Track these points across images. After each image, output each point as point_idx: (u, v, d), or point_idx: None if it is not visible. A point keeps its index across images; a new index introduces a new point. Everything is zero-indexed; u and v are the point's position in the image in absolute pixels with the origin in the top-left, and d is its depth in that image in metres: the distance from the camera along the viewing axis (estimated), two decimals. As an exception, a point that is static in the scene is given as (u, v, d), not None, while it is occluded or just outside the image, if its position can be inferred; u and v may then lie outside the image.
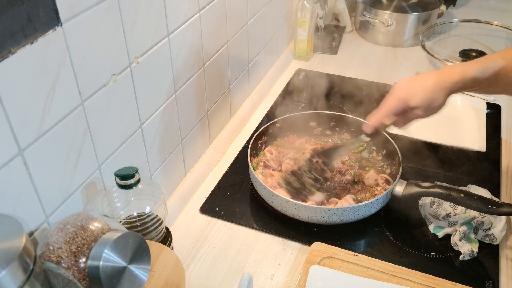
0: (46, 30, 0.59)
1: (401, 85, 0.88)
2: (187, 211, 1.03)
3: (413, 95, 0.85)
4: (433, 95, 0.85)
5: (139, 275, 0.63)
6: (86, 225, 0.63)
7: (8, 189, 0.60)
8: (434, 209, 0.95)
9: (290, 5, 1.52)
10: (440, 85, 0.85)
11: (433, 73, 0.87)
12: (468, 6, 1.91)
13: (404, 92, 0.87)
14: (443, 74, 0.86)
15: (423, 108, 0.86)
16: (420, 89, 0.85)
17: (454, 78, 0.85)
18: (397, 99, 0.87)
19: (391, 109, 0.88)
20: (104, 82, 0.73)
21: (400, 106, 0.87)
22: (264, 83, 1.43)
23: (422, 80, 0.86)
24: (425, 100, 0.85)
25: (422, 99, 0.85)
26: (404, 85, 0.88)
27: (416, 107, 0.86)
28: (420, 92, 0.85)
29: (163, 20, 0.84)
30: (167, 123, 0.94)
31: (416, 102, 0.85)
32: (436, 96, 0.85)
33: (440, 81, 0.85)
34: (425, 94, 0.85)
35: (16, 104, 0.58)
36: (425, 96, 0.85)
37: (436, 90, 0.85)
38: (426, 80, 0.86)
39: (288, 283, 0.88)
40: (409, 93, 0.86)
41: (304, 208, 0.93)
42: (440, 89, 0.85)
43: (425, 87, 0.85)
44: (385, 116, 0.89)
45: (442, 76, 0.86)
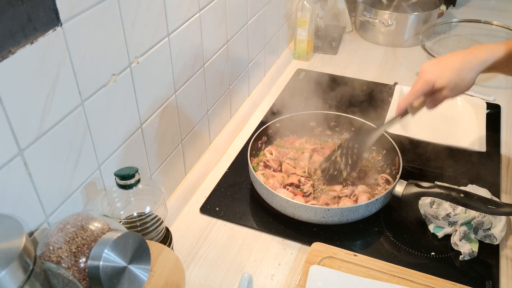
0: (46, 30, 0.59)
1: (428, 67, 0.88)
2: (187, 211, 1.03)
3: (438, 76, 0.85)
4: (460, 76, 0.85)
5: (139, 275, 0.63)
6: (86, 225, 0.63)
7: (8, 189, 0.60)
8: (434, 209, 0.95)
9: (290, 5, 1.53)
10: (467, 64, 0.84)
11: (460, 53, 0.87)
12: (468, 6, 1.91)
13: (431, 74, 0.87)
14: (470, 53, 0.86)
15: (450, 88, 0.85)
16: (447, 70, 0.85)
17: (482, 57, 0.84)
18: (423, 81, 0.87)
19: (418, 91, 0.89)
20: (104, 82, 0.73)
21: (427, 88, 0.87)
22: (264, 83, 1.43)
23: (449, 61, 0.86)
24: (451, 81, 0.85)
25: (448, 80, 0.84)
26: (430, 67, 0.88)
27: (443, 87, 0.86)
28: (446, 73, 0.85)
29: (163, 20, 0.84)
30: (167, 123, 0.94)
31: (442, 83, 0.85)
32: (463, 77, 0.85)
33: (467, 61, 0.85)
34: (451, 75, 0.84)
35: (16, 104, 0.58)
36: (451, 77, 0.84)
37: (462, 70, 0.84)
38: (453, 60, 0.86)
39: (288, 283, 0.88)
40: (435, 75, 0.86)
41: (304, 208, 0.93)
42: (467, 69, 0.84)
43: (452, 68, 0.85)
44: (413, 98, 0.90)
45: (469, 55, 0.85)
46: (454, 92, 0.87)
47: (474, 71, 0.85)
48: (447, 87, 0.85)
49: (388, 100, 1.29)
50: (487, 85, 1.44)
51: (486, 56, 0.84)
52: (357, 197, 0.99)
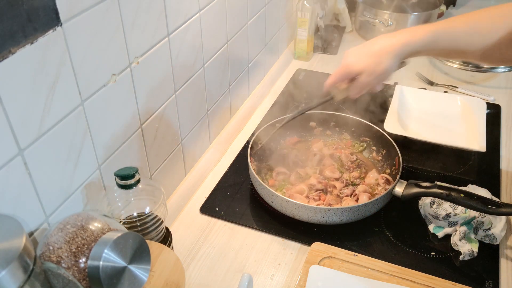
0: (46, 30, 0.59)
1: (349, 52, 0.87)
2: (187, 211, 1.03)
3: (357, 61, 0.84)
4: (376, 59, 0.82)
5: (139, 275, 0.63)
6: (86, 225, 0.63)
7: (8, 189, 0.60)
8: (434, 209, 0.95)
9: (290, 5, 1.53)
10: (387, 48, 0.82)
11: (384, 36, 0.85)
12: (468, 6, 1.91)
13: (350, 58, 0.86)
14: (393, 37, 0.83)
15: (368, 73, 0.84)
16: (365, 54, 0.84)
17: (402, 40, 0.82)
18: (342, 65, 0.87)
19: (337, 76, 0.88)
20: (104, 82, 0.73)
21: (345, 72, 0.86)
22: (264, 83, 1.43)
23: (370, 45, 0.85)
24: (369, 65, 0.83)
25: (365, 63, 0.83)
26: (352, 51, 0.87)
27: (360, 72, 0.84)
28: (364, 57, 0.83)
29: (163, 20, 0.84)
30: (167, 123, 0.94)
31: (359, 68, 0.84)
32: (379, 60, 0.82)
33: (387, 45, 0.82)
34: (368, 58, 0.83)
35: (16, 104, 0.58)
36: (368, 60, 0.83)
37: (380, 54, 0.82)
38: (373, 44, 0.84)
39: (288, 283, 0.88)
40: (354, 59, 0.85)
41: (304, 208, 0.93)
42: (385, 53, 0.82)
43: (370, 52, 0.83)
44: (332, 81, 0.89)
45: (391, 39, 0.83)
46: (372, 77, 0.84)
47: (392, 55, 0.82)
48: (365, 71, 0.83)
49: (388, 100, 1.29)
50: (487, 85, 1.44)
51: (407, 39, 0.81)
52: (358, 197, 0.99)
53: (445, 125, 1.24)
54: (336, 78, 0.89)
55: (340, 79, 0.89)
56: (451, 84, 1.43)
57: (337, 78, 0.89)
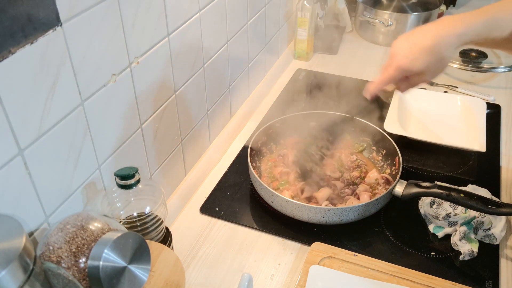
0: (46, 30, 0.59)
1: (399, 50, 0.79)
2: (187, 211, 1.03)
3: (413, 60, 0.76)
4: (437, 55, 0.75)
5: (139, 275, 0.63)
6: (86, 225, 0.63)
7: (8, 189, 0.60)
8: (434, 209, 0.95)
9: (290, 5, 1.53)
10: (442, 41, 0.75)
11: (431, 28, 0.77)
12: (468, 6, 1.91)
13: (404, 59, 0.78)
14: (443, 27, 0.75)
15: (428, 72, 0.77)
16: (421, 52, 0.76)
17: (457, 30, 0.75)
18: (395, 68, 0.79)
19: (390, 79, 0.81)
20: (104, 82, 0.73)
21: (400, 74, 0.79)
22: (264, 83, 1.43)
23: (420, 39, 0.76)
24: (430, 64, 0.76)
25: (426, 63, 0.76)
26: (402, 50, 0.78)
27: (420, 72, 0.78)
28: (421, 56, 0.75)
29: (163, 20, 0.84)
30: (167, 123, 0.94)
31: (418, 69, 0.77)
32: (441, 56, 0.75)
33: (441, 36, 0.75)
34: (427, 57, 0.75)
35: (16, 104, 0.58)
36: (428, 59, 0.75)
37: (439, 48, 0.75)
38: (425, 37, 0.76)
39: (288, 283, 0.88)
40: (409, 59, 0.77)
41: (304, 208, 0.93)
42: (445, 46, 0.75)
43: (426, 48, 0.75)
44: (384, 85, 0.82)
45: (443, 29, 0.75)
46: (434, 74, 0.79)
47: (452, 47, 0.75)
48: (426, 71, 0.77)
49: (388, 100, 1.29)
50: (487, 85, 1.44)
51: (462, 29, 0.74)
52: (359, 196, 0.99)
53: (445, 125, 1.24)
54: (390, 80, 0.81)
55: (395, 80, 0.81)
56: (451, 84, 1.43)
57: (391, 80, 0.81)
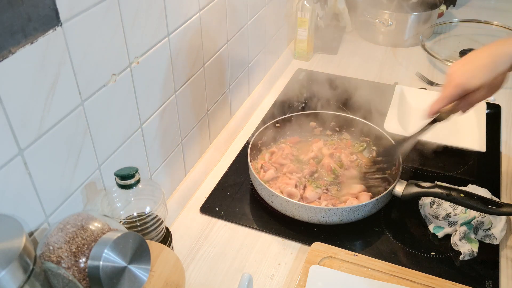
0: (46, 30, 0.59)
1: (455, 70, 0.83)
2: (187, 211, 1.03)
3: (470, 78, 0.80)
4: (493, 72, 0.79)
5: (139, 275, 0.63)
6: (86, 225, 0.63)
7: (8, 189, 0.60)
8: (434, 209, 0.95)
9: (290, 5, 1.52)
10: (498, 59, 0.79)
11: (486, 49, 0.82)
12: (468, 6, 1.91)
13: (461, 77, 0.81)
14: (497, 47, 0.80)
15: (487, 87, 0.81)
16: (478, 69, 0.80)
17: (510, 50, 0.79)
18: (453, 86, 0.82)
19: (449, 98, 0.84)
20: (104, 82, 0.73)
21: (457, 93, 0.82)
22: (264, 83, 1.43)
23: (476, 59, 0.81)
24: (486, 81, 0.79)
25: (482, 80, 0.79)
26: (458, 70, 0.82)
27: (477, 89, 0.81)
28: (478, 73, 0.80)
29: (163, 20, 0.84)
30: (167, 123, 0.94)
31: (476, 85, 0.80)
32: (496, 73, 0.79)
33: (497, 55, 0.79)
34: (484, 74, 0.79)
35: (16, 104, 0.58)
36: (484, 76, 0.79)
37: (495, 65, 0.79)
38: (481, 58, 0.80)
39: (288, 283, 0.88)
40: (466, 76, 0.81)
41: (304, 208, 0.93)
42: (499, 64, 0.79)
43: (483, 66, 0.80)
44: (444, 104, 0.86)
45: (498, 49, 0.80)
46: (490, 92, 0.83)
47: (505, 66, 0.79)
48: (483, 86, 0.80)
49: (388, 100, 1.29)
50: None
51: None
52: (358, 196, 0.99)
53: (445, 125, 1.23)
54: (449, 99, 0.84)
55: (451, 100, 0.84)
56: (451, 84, 1.43)
57: (450, 99, 0.84)
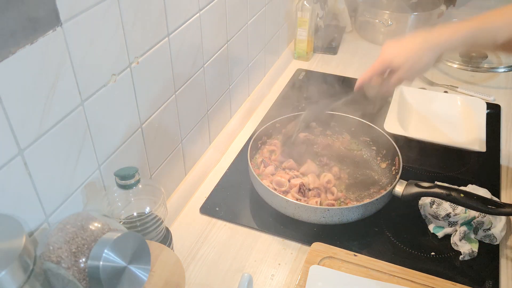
0: (46, 30, 0.59)
1: (388, 47, 0.88)
2: (187, 211, 1.03)
3: (396, 55, 0.85)
4: (417, 54, 0.84)
5: (139, 275, 0.63)
6: (86, 225, 0.63)
7: (8, 189, 0.60)
8: (434, 209, 0.95)
9: (290, 5, 1.53)
10: (426, 44, 0.83)
11: (422, 33, 0.86)
12: (468, 6, 1.91)
13: (388, 53, 0.87)
14: (431, 34, 0.85)
15: (406, 68, 0.85)
16: (405, 49, 0.85)
17: (442, 37, 0.84)
18: (380, 59, 0.87)
19: (375, 70, 0.88)
20: (104, 82, 0.73)
21: (383, 66, 0.87)
22: (264, 83, 1.43)
23: (409, 41, 0.86)
24: (408, 60, 0.84)
25: (405, 58, 0.84)
26: (390, 47, 0.87)
27: (399, 67, 0.85)
28: (404, 53, 0.84)
29: (163, 20, 0.84)
30: (167, 123, 0.94)
31: (398, 62, 0.85)
32: (420, 55, 0.84)
33: (426, 41, 0.84)
34: (409, 53, 0.84)
35: (16, 104, 0.58)
36: (408, 55, 0.84)
37: (420, 50, 0.84)
38: (412, 40, 0.85)
39: (288, 283, 0.88)
40: (393, 54, 0.86)
41: (304, 208, 0.93)
42: (426, 49, 0.83)
43: (410, 48, 0.84)
44: (369, 76, 0.90)
45: (430, 35, 0.84)
46: (410, 73, 0.86)
47: (432, 52, 0.83)
48: (403, 67, 0.84)
49: (388, 100, 1.29)
50: (487, 85, 1.44)
51: (447, 37, 0.83)
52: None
53: (445, 125, 1.24)
54: (373, 72, 0.89)
55: (377, 72, 0.88)
56: (451, 84, 1.43)
57: (374, 72, 0.88)
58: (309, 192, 0.99)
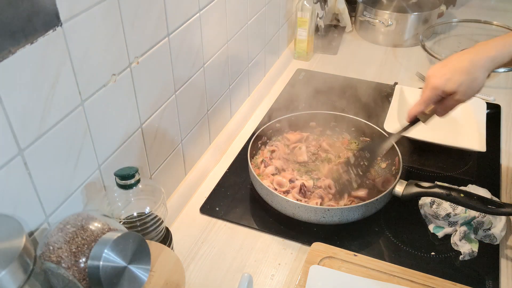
0: (46, 30, 0.59)
1: (434, 72, 0.84)
2: (187, 211, 1.03)
3: (448, 80, 0.81)
4: (469, 76, 0.80)
5: (139, 275, 0.63)
6: (86, 225, 0.63)
7: (8, 189, 0.60)
8: (434, 209, 0.95)
9: (290, 5, 1.53)
10: (476, 63, 0.80)
11: (466, 52, 0.82)
12: (468, 6, 1.91)
13: (438, 79, 0.82)
14: (477, 51, 0.81)
15: (462, 91, 0.81)
16: (455, 72, 0.80)
17: (491, 53, 0.80)
18: (430, 88, 0.83)
19: (427, 99, 0.84)
20: (104, 82, 0.73)
21: (435, 94, 0.83)
22: (264, 83, 1.43)
23: (455, 62, 0.82)
24: (462, 83, 0.80)
25: (459, 82, 0.80)
26: (436, 72, 0.83)
27: (453, 92, 0.81)
28: (456, 76, 0.80)
29: (163, 20, 0.84)
30: (167, 123, 0.94)
31: (452, 88, 0.81)
32: (474, 77, 0.80)
33: (475, 59, 0.80)
34: (460, 77, 0.80)
35: (16, 104, 0.58)
36: (461, 79, 0.80)
37: (471, 70, 0.80)
38: (460, 61, 0.81)
39: (288, 283, 0.88)
40: (444, 79, 0.81)
41: (304, 208, 0.93)
42: (478, 67, 0.80)
43: (460, 69, 0.80)
44: (422, 107, 0.86)
45: (477, 53, 0.81)
46: (467, 95, 0.82)
47: (484, 69, 0.80)
48: (459, 90, 0.81)
49: (388, 100, 1.29)
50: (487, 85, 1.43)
51: (494, 53, 0.80)
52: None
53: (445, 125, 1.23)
54: (426, 102, 0.85)
55: (431, 101, 0.85)
56: (451, 84, 1.43)
57: (427, 102, 0.85)
58: (311, 194, 1.00)
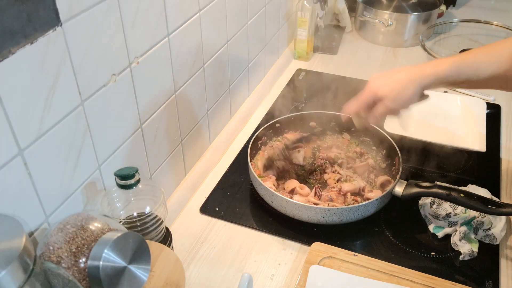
0: (46, 30, 0.59)
1: (374, 78, 0.90)
2: (187, 211, 1.03)
3: (381, 85, 0.87)
4: (401, 85, 0.86)
5: (139, 275, 0.63)
6: (86, 225, 0.63)
7: (8, 189, 0.60)
8: (434, 209, 0.95)
9: (290, 5, 1.53)
10: (410, 77, 0.86)
11: (408, 67, 0.89)
12: (468, 6, 1.91)
13: (375, 84, 0.89)
14: (416, 67, 0.88)
15: (391, 98, 0.86)
16: (390, 80, 0.87)
17: (425, 71, 0.86)
18: (367, 90, 0.89)
19: (362, 101, 0.90)
20: (104, 82, 0.73)
21: (369, 97, 0.89)
22: (264, 83, 1.43)
23: (395, 73, 0.88)
24: (392, 90, 0.86)
25: (389, 88, 0.86)
26: (376, 78, 0.90)
27: (384, 96, 0.87)
28: (389, 83, 0.87)
29: (163, 20, 0.84)
30: (167, 123, 0.94)
31: (383, 92, 0.87)
32: (403, 87, 0.86)
33: (410, 73, 0.87)
34: (393, 84, 0.86)
35: (16, 104, 0.58)
36: (392, 86, 0.86)
37: (405, 81, 0.86)
38: (398, 72, 0.88)
39: (288, 283, 0.88)
40: (379, 84, 0.88)
41: (304, 208, 0.93)
42: (409, 81, 0.86)
43: (395, 79, 0.87)
44: (356, 107, 0.91)
45: (414, 69, 0.87)
46: (395, 103, 0.87)
47: (416, 84, 0.86)
48: (389, 96, 0.86)
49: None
50: (487, 85, 1.44)
51: (431, 70, 0.86)
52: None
53: (445, 125, 1.24)
54: (360, 103, 0.90)
55: (364, 103, 0.90)
56: (451, 84, 1.43)
57: (361, 103, 0.90)
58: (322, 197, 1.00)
